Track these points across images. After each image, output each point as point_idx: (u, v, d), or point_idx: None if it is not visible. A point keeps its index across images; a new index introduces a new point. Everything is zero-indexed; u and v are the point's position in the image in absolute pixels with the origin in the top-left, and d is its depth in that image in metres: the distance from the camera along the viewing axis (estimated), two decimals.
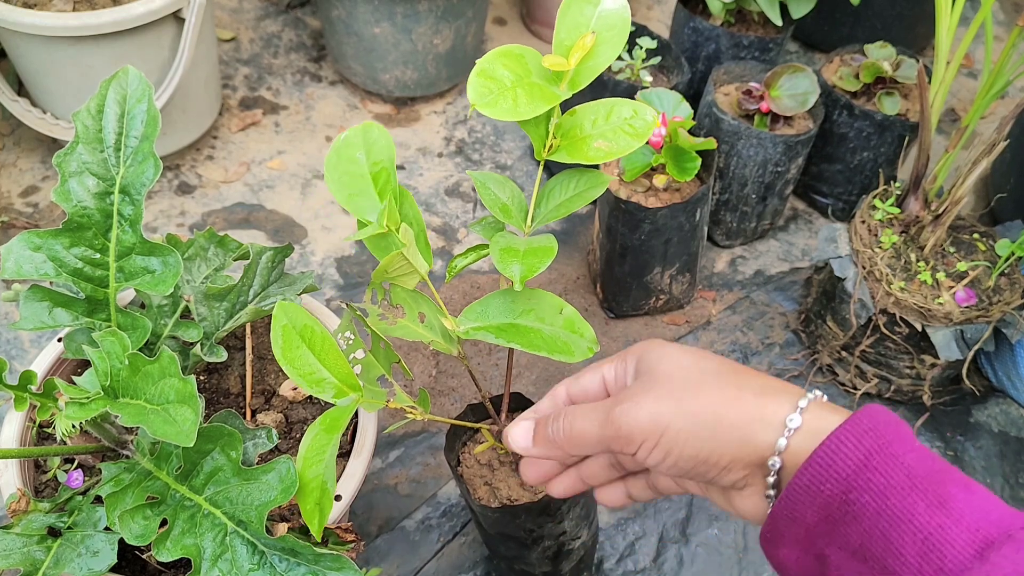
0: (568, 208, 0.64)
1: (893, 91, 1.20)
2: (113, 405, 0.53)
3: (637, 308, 1.16)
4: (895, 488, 0.36)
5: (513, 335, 0.57)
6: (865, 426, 0.37)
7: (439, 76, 1.42)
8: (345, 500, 0.66)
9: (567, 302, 0.61)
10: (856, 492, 0.36)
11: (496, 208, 0.63)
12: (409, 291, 0.61)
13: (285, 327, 0.53)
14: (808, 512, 0.38)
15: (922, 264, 0.98)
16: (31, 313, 0.60)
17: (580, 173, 0.65)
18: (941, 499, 0.35)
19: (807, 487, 0.37)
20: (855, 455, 0.36)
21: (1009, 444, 1.06)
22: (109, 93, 0.60)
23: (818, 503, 0.37)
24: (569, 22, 0.59)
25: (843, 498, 0.36)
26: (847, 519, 0.36)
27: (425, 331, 0.62)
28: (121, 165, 0.60)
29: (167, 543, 0.53)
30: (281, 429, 0.72)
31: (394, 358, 0.62)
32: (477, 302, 0.60)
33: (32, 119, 1.18)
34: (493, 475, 0.73)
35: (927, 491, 0.35)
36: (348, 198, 0.57)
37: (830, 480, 0.37)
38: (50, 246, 0.60)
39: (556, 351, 0.57)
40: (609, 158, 0.59)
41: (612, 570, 0.91)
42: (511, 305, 0.59)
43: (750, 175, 1.18)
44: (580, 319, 0.59)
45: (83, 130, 0.60)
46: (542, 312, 0.59)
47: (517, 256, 0.57)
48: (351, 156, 0.57)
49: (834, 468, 0.37)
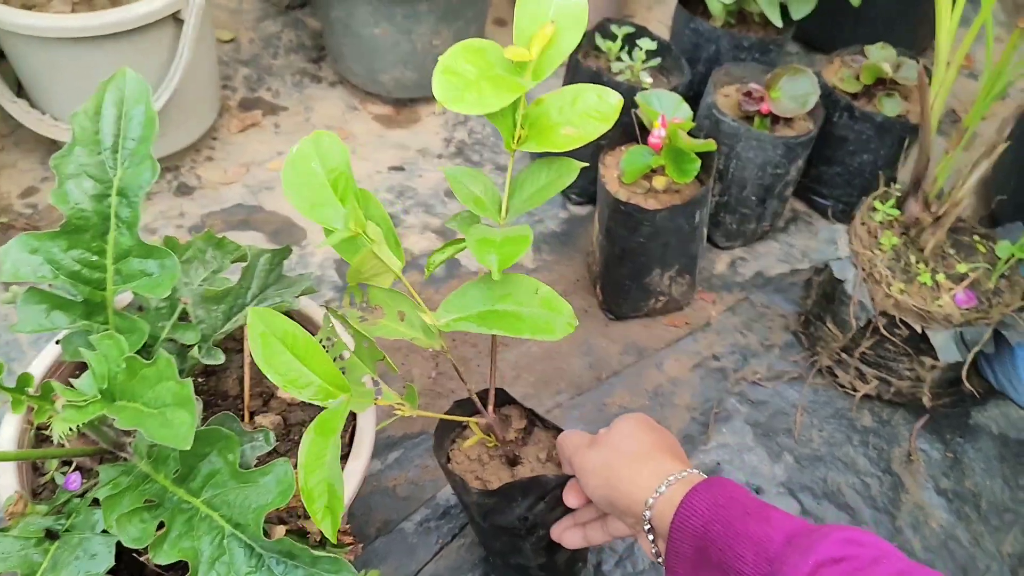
0: (541, 197, 0.65)
1: (893, 92, 1.19)
2: (110, 408, 0.53)
3: (637, 310, 1.15)
4: (736, 517, 0.52)
5: (494, 321, 0.59)
6: (716, 482, 0.54)
7: None
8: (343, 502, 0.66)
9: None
10: (712, 525, 0.52)
11: (470, 202, 0.65)
12: (386, 291, 0.62)
13: (263, 334, 0.53)
14: (685, 546, 0.53)
15: (922, 266, 0.98)
16: (29, 315, 0.60)
17: (551, 162, 0.66)
18: (766, 519, 0.51)
19: (680, 527, 0.53)
20: (711, 502, 0.53)
21: (1009, 446, 1.06)
22: (106, 95, 0.60)
23: (689, 537, 0.53)
24: (528, 13, 0.61)
25: (705, 531, 0.52)
26: (709, 544, 0.52)
27: (406, 328, 0.63)
28: (118, 167, 0.60)
29: (164, 546, 0.53)
30: (279, 431, 0.72)
31: (379, 356, 0.62)
32: (455, 293, 0.61)
33: (31, 120, 1.18)
34: (483, 469, 0.74)
35: (757, 516, 0.51)
36: (311, 209, 0.56)
37: (694, 518, 0.53)
38: (47, 248, 0.59)
39: (537, 331, 0.58)
40: (578, 144, 0.60)
41: (611, 572, 0.91)
42: (488, 293, 0.61)
43: (750, 177, 1.18)
44: (556, 297, 0.60)
45: (80, 132, 0.60)
46: (519, 296, 0.61)
47: (494, 246, 0.59)
48: (307, 168, 0.57)
49: (696, 512, 0.53)
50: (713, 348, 1.15)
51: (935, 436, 1.07)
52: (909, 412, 1.09)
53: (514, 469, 0.75)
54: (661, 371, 1.11)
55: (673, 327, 1.17)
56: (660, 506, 0.56)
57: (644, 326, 1.17)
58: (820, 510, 0.98)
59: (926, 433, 1.07)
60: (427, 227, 1.27)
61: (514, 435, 0.77)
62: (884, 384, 1.06)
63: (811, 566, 0.47)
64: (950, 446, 1.06)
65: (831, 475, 1.01)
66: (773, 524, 0.50)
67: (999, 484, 1.03)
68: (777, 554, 0.49)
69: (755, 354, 1.14)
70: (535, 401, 1.06)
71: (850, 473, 1.02)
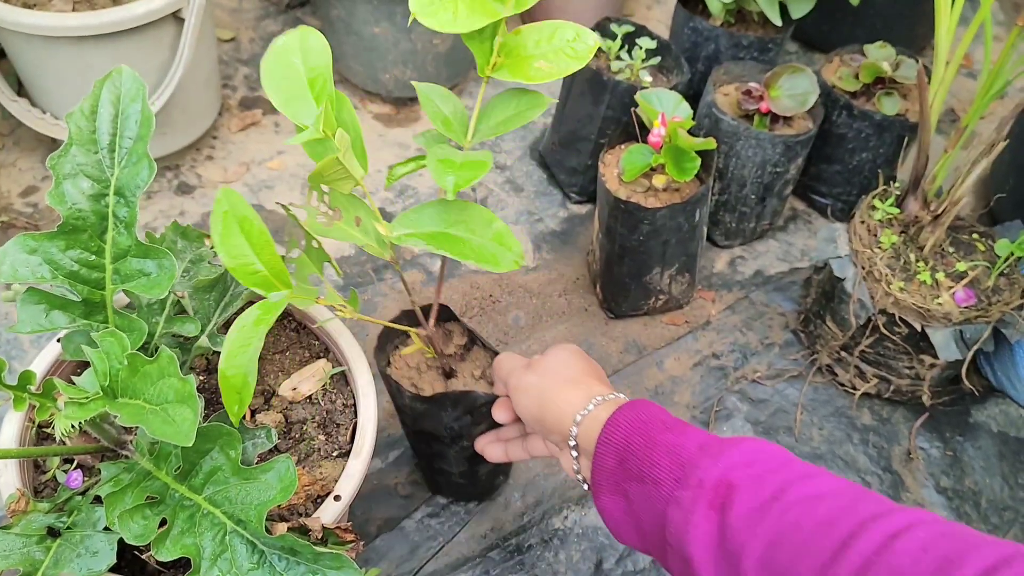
0: (508, 126, 0.67)
1: (892, 91, 1.20)
2: (112, 405, 0.53)
3: (636, 308, 1.16)
4: (655, 431, 0.55)
5: (443, 242, 0.61)
6: (640, 403, 0.58)
7: (439, 76, 1.42)
8: (344, 500, 0.66)
9: (567, 303, 0.63)
10: (633, 438, 0.56)
11: (438, 121, 0.66)
12: (346, 195, 0.64)
13: (226, 213, 0.54)
14: (608, 459, 0.57)
15: (921, 264, 0.98)
16: (28, 316, 0.60)
17: (521, 93, 0.68)
18: (682, 430, 0.55)
19: (606, 441, 0.57)
20: (633, 418, 0.57)
21: (1008, 444, 1.06)
22: (103, 93, 0.60)
23: (613, 450, 0.56)
24: None
25: (626, 443, 0.56)
26: (629, 455, 0.55)
27: (360, 234, 0.65)
28: (115, 166, 0.60)
29: (166, 542, 0.54)
30: (280, 429, 0.72)
31: (325, 258, 0.66)
32: (411, 210, 0.63)
33: (32, 119, 1.18)
34: (420, 377, 0.79)
35: (674, 429, 0.55)
36: (285, 102, 0.57)
37: (618, 432, 0.56)
38: (46, 249, 0.59)
39: (483, 260, 0.61)
40: (550, 78, 0.62)
41: (612, 570, 0.91)
42: (443, 215, 0.63)
43: (749, 175, 1.18)
44: (509, 234, 0.63)
45: (76, 131, 0.59)
46: (472, 224, 0.63)
47: (453, 167, 0.60)
48: (288, 61, 0.58)
49: (619, 427, 0.57)
50: (713, 346, 1.15)
51: (935, 434, 1.07)
52: (909, 410, 1.09)
53: (448, 381, 0.79)
54: (661, 370, 1.11)
55: (673, 325, 1.17)
56: (587, 423, 0.60)
57: (644, 324, 1.17)
58: None
59: (926, 431, 1.07)
60: None
61: (453, 350, 0.81)
62: (884, 382, 1.07)
63: (721, 469, 0.50)
64: (950, 444, 1.06)
65: None
66: (688, 435, 0.54)
67: (999, 482, 1.03)
68: (689, 459, 0.52)
69: (755, 352, 1.14)
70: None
71: (850, 471, 1.02)
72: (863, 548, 0.43)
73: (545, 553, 0.92)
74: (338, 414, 0.74)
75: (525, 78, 0.63)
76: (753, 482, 0.49)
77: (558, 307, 1.17)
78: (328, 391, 0.76)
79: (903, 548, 0.43)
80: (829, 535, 0.45)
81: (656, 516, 0.53)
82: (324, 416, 0.74)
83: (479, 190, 1.33)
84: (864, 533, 0.44)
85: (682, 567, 0.51)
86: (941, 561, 0.41)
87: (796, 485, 0.49)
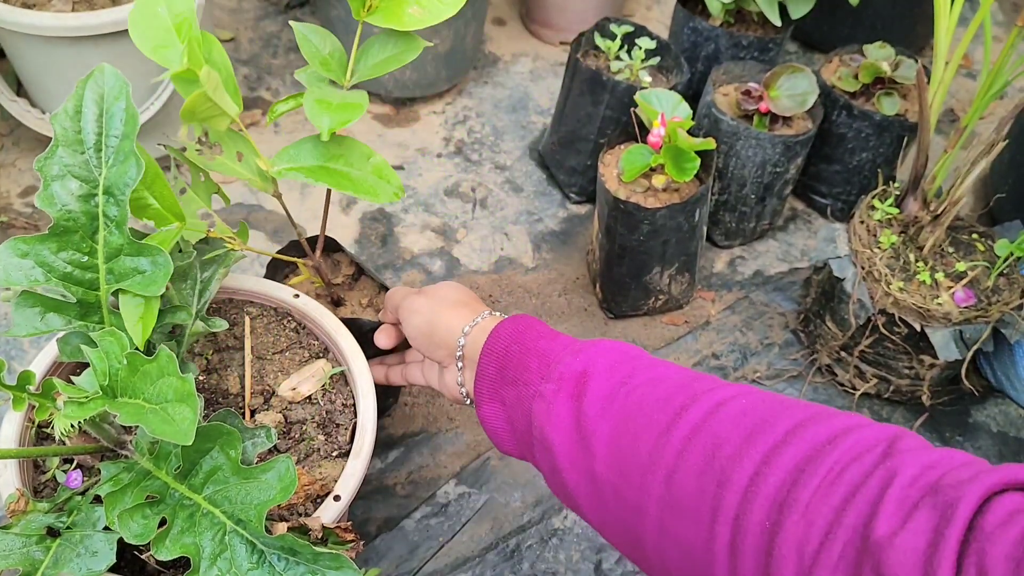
0: (386, 67, 0.70)
1: (892, 91, 1.20)
2: (111, 404, 0.53)
3: (636, 308, 1.16)
4: (530, 339, 0.59)
5: (323, 175, 0.64)
6: (522, 317, 0.63)
7: (438, 76, 1.42)
8: (344, 500, 0.66)
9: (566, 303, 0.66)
10: (512, 346, 0.60)
11: (316, 61, 0.69)
12: (227, 131, 0.67)
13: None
14: (490, 367, 0.60)
15: (921, 264, 0.98)
16: (23, 319, 0.60)
17: (398, 35, 0.70)
18: (554, 337, 0.60)
19: (488, 351, 0.61)
20: (513, 330, 0.61)
21: (1008, 444, 1.06)
22: (86, 93, 0.60)
23: (495, 359, 0.60)
24: None
25: (505, 352, 0.60)
26: (507, 363, 0.59)
27: (242, 169, 0.68)
28: (103, 166, 0.59)
29: (166, 542, 0.53)
30: (280, 429, 0.72)
31: (213, 189, 0.70)
32: (290, 145, 0.66)
33: (31, 119, 1.18)
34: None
35: (548, 337, 0.60)
36: (154, 50, 0.60)
37: (500, 342, 0.60)
38: (38, 252, 0.59)
39: (362, 191, 0.64)
40: (422, 25, 0.65)
41: (611, 570, 0.91)
42: (322, 150, 0.66)
43: (749, 175, 1.18)
44: (388, 168, 0.66)
45: (62, 132, 0.59)
46: (351, 159, 0.66)
47: (329, 108, 0.63)
48: (153, 11, 0.61)
49: (500, 338, 0.61)
50: (713, 346, 1.15)
51: (934, 434, 1.07)
52: (908, 410, 1.09)
53: (337, 310, 0.84)
54: None
55: (673, 325, 1.17)
56: (474, 334, 0.64)
57: (644, 324, 1.17)
58: None
59: (925, 431, 1.07)
60: (427, 226, 1.27)
61: (341, 280, 0.85)
62: (883, 382, 1.07)
63: (580, 362, 0.55)
64: (949, 444, 1.06)
65: None
66: (559, 340, 0.59)
67: None
68: (555, 358, 0.57)
69: (755, 352, 1.14)
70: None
71: None
72: (692, 417, 0.48)
73: (545, 553, 0.92)
74: (338, 414, 0.74)
75: (399, 24, 0.66)
76: (606, 371, 0.54)
77: (558, 307, 1.17)
78: (328, 391, 0.76)
79: (725, 414, 0.48)
80: (665, 409, 0.49)
81: (525, 414, 0.57)
82: (324, 416, 0.74)
83: (479, 190, 1.33)
84: (694, 405, 0.49)
85: (546, 456, 0.55)
86: (757, 422, 0.46)
87: (642, 371, 0.53)
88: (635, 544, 0.49)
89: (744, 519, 0.43)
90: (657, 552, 0.48)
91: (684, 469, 0.46)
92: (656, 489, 0.47)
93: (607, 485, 0.50)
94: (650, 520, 0.47)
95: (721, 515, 0.44)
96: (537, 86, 1.53)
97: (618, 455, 0.50)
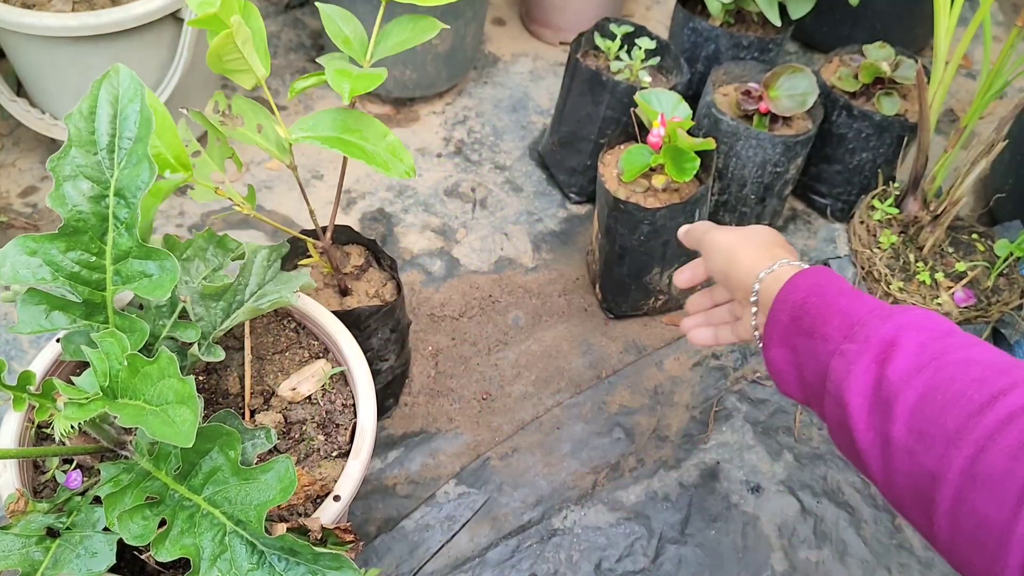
0: (404, 46, 0.75)
1: (892, 91, 1.20)
2: (112, 406, 0.53)
3: (636, 308, 1.16)
4: (832, 294, 0.59)
5: (337, 144, 0.68)
6: (822, 269, 0.62)
7: (438, 76, 1.42)
8: (344, 500, 0.66)
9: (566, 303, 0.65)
10: (809, 298, 0.60)
11: (339, 40, 0.74)
12: (249, 102, 0.71)
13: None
14: (783, 315, 0.61)
15: (921, 264, 0.98)
16: (28, 316, 0.60)
17: (416, 19, 0.76)
18: (856, 296, 0.59)
19: (783, 299, 0.62)
20: (813, 282, 0.61)
21: None
22: (100, 93, 0.59)
23: (788, 307, 0.61)
24: None
25: (803, 303, 0.60)
26: (803, 314, 0.60)
27: (261, 140, 0.71)
28: (115, 167, 0.59)
29: (166, 543, 0.53)
30: (280, 429, 0.72)
31: (228, 153, 0.72)
32: (308, 116, 0.69)
33: (31, 119, 1.18)
34: (316, 295, 0.85)
35: (848, 295, 0.59)
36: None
37: (796, 292, 0.61)
38: (46, 250, 0.59)
39: (374, 163, 0.67)
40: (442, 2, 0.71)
41: (611, 570, 0.91)
42: (340, 122, 0.69)
43: (749, 175, 1.18)
44: (402, 147, 0.69)
45: (75, 132, 0.59)
46: (367, 134, 0.69)
47: (349, 77, 0.67)
48: None
49: (798, 287, 0.61)
50: (712, 347, 1.15)
51: None
52: None
53: (343, 300, 0.85)
54: (661, 370, 1.11)
55: (673, 326, 1.17)
56: (769, 281, 0.65)
57: (644, 325, 1.17)
58: (820, 508, 0.98)
59: None
60: (427, 226, 1.27)
61: (350, 269, 0.87)
62: None
63: (889, 328, 0.55)
64: None
65: (831, 473, 1.02)
66: (862, 300, 0.59)
67: None
68: (860, 319, 0.57)
69: (755, 352, 1.14)
70: (535, 399, 1.07)
71: (850, 471, 1.02)
72: (1010, 403, 0.47)
73: (545, 553, 0.92)
74: (337, 414, 0.74)
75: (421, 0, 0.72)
76: (916, 343, 0.54)
77: (558, 307, 1.17)
78: (327, 391, 0.76)
79: None
80: (980, 391, 0.49)
81: (820, 367, 0.58)
82: (323, 416, 0.74)
83: (479, 190, 1.33)
84: (1013, 391, 0.48)
85: (838, 413, 0.56)
86: None
87: (956, 350, 0.52)
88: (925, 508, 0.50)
89: None
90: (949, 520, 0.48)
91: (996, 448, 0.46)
92: (960, 461, 0.48)
93: (901, 448, 0.51)
94: (948, 488, 0.48)
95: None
96: (537, 86, 1.53)
97: (921, 422, 0.50)
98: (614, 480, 0.99)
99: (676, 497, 0.98)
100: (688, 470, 1.01)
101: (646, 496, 0.98)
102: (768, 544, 0.95)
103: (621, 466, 1.01)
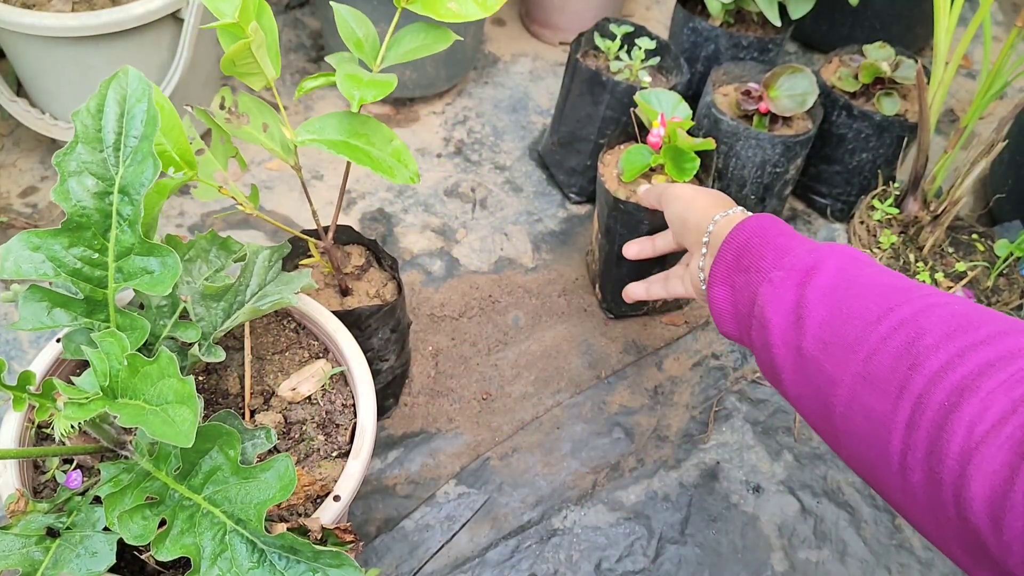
0: (415, 54, 0.74)
1: (892, 92, 1.20)
2: (112, 405, 0.53)
3: (636, 309, 1.16)
4: (771, 236, 0.65)
5: (343, 149, 0.67)
6: (769, 216, 0.68)
7: (438, 76, 1.42)
8: (344, 501, 0.66)
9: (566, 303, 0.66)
10: (752, 239, 0.65)
11: (351, 42, 0.73)
12: (255, 101, 0.70)
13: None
14: (728, 254, 0.67)
15: (921, 264, 0.98)
16: (30, 313, 0.60)
17: (431, 27, 0.75)
18: (793, 235, 0.64)
19: (729, 240, 0.67)
20: (757, 225, 0.67)
21: None
22: (109, 92, 0.60)
23: (733, 248, 0.67)
24: None
25: (746, 243, 0.66)
26: (745, 253, 0.65)
27: (266, 139, 0.71)
28: (120, 165, 0.60)
29: (166, 542, 0.53)
30: (280, 429, 0.72)
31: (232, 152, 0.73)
32: (315, 118, 0.68)
33: (31, 119, 1.18)
34: (316, 294, 0.86)
35: (788, 235, 0.65)
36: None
37: (742, 233, 0.67)
38: (49, 246, 0.59)
39: (379, 169, 0.67)
40: (457, 19, 0.70)
41: (611, 570, 0.91)
42: (346, 126, 0.69)
43: (749, 176, 1.18)
44: (408, 153, 0.70)
45: (82, 129, 0.60)
46: (373, 138, 0.69)
47: (359, 83, 0.66)
48: None
49: (744, 229, 0.67)
50: (712, 347, 1.15)
51: None
52: None
53: (343, 300, 0.86)
54: (661, 370, 1.11)
55: (672, 326, 1.17)
56: (722, 223, 0.71)
57: (643, 325, 1.17)
58: (820, 508, 0.98)
59: None
60: (427, 226, 1.27)
61: (351, 269, 0.88)
62: None
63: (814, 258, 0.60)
64: None
65: (831, 473, 1.02)
66: (799, 240, 0.64)
67: None
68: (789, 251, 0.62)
69: None
70: (535, 399, 1.07)
71: (849, 471, 1.02)
72: (903, 312, 0.52)
73: (545, 553, 0.92)
74: (337, 414, 0.74)
75: (436, 15, 0.70)
76: (835, 267, 0.59)
77: (557, 307, 1.17)
78: (327, 391, 0.76)
79: (935, 313, 0.51)
80: (880, 303, 0.54)
81: (751, 296, 0.63)
82: (323, 416, 0.74)
83: (479, 191, 1.33)
84: (908, 303, 0.53)
85: (761, 333, 0.61)
86: (962, 323, 0.50)
87: (869, 276, 0.57)
88: (824, 413, 0.55)
89: (926, 398, 0.48)
90: (844, 420, 0.53)
91: (884, 351, 0.51)
92: (855, 366, 0.52)
93: (811, 360, 0.56)
94: (843, 390, 0.53)
95: (907, 393, 0.49)
96: (537, 86, 1.53)
97: (827, 334, 0.55)
98: (614, 480, 0.99)
99: (676, 497, 0.98)
100: (688, 470, 1.01)
101: (646, 496, 0.98)
102: (768, 544, 0.95)
103: (621, 466, 1.01)
